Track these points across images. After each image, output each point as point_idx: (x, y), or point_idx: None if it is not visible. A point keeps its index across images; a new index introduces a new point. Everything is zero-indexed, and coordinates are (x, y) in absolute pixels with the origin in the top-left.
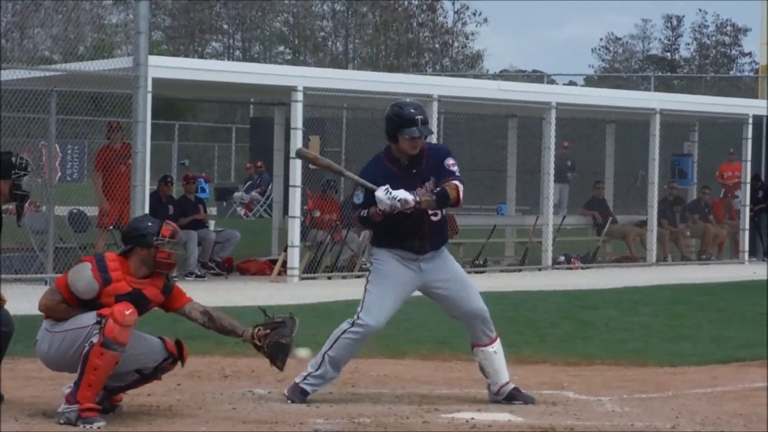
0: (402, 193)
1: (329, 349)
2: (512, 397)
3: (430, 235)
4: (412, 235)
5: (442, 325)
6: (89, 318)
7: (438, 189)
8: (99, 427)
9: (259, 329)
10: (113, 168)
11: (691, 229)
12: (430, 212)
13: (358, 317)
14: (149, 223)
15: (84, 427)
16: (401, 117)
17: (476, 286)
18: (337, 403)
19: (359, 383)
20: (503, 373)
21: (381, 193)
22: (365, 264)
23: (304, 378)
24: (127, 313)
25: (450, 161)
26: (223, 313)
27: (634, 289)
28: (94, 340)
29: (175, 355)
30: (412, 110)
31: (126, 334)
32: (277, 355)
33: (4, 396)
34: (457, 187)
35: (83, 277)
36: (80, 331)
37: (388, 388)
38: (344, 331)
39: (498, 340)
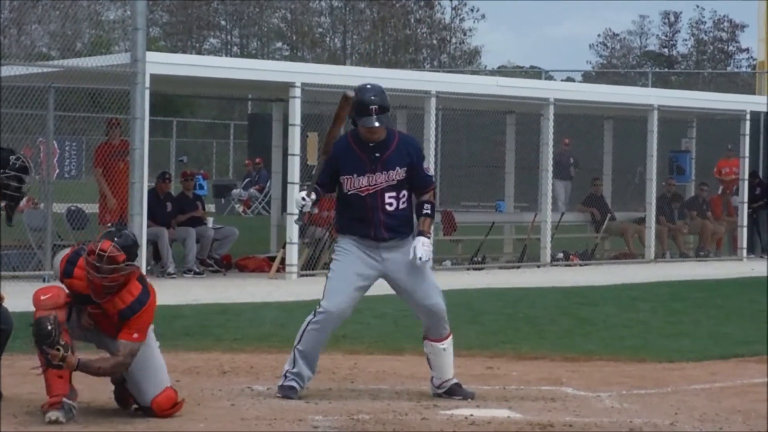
0: (425, 248)
1: (298, 343)
2: (452, 392)
3: (385, 223)
4: (366, 223)
5: None
6: None
7: (429, 208)
8: (55, 418)
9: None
10: (112, 165)
11: (689, 226)
12: (386, 202)
13: (319, 305)
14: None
15: (47, 421)
16: (359, 103)
17: (437, 283)
18: (335, 399)
19: (358, 380)
20: (448, 370)
21: (297, 195)
22: None
23: (285, 377)
24: (42, 297)
25: (426, 165)
26: (104, 362)
27: (633, 285)
28: None
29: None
30: (372, 97)
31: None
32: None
33: (3, 393)
34: (433, 193)
35: (56, 260)
36: None
37: (387, 385)
38: (308, 323)
39: (450, 337)
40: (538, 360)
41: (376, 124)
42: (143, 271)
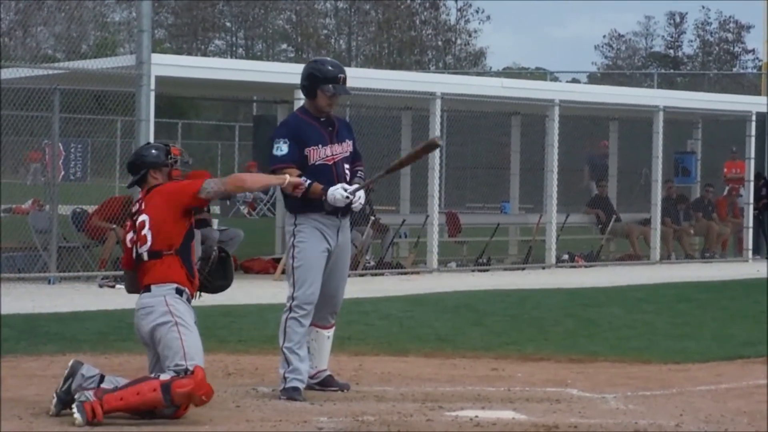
0: (360, 196)
1: (282, 342)
2: (327, 383)
3: None
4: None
5: (445, 323)
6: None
7: (361, 173)
8: (77, 422)
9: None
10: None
11: (695, 227)
12: (344, 172)
13: (292, 298)
14: (155, 148)
15: (73, 412)
16: (322, 73)
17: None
18: (340, 401)
19: (363, 381)
20: (325, 360)
21: (339, 194)
22: (368, 262)
23: (284, 380)
24: (204, 398)
25: (357, 144)
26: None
27: (638, 287)
28: (163, 377)
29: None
30: (332, 68)
31: (187, 405)
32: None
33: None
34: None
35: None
36: (174, 339)
37: (391, 386)
38: (286, 319)
39: (333, 329)
40: (543, 361)
41: (340, 92)
42: None
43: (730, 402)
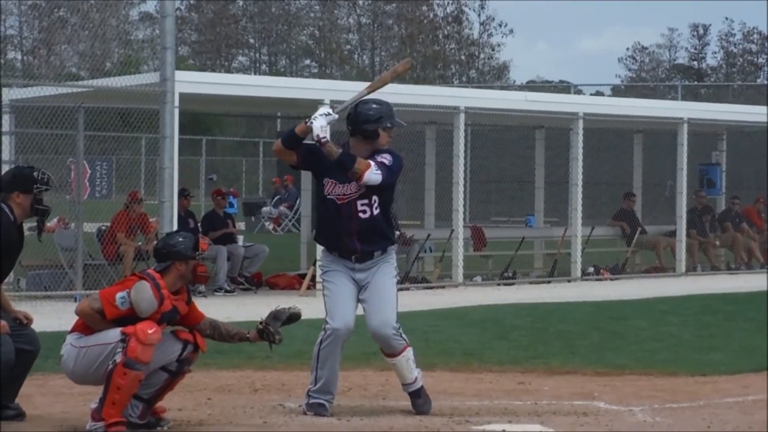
0: (319, 121)
1: (316, 364)
2: (411, 397)
3: (359, 231)
4: (340, 233)
5: (471, 337)
6: (113, 335)
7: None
8: None
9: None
10: (132, 232)
11: (720, 238)
12: (359, 210)
13: (326, 323)
14: (184, 238)
15: None
16: (389, 109)
17: (392, 308)
18: (368, 416)
19: (390, 396)
20: (404, 377)
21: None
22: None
23: (309, 396)
24: (150, 332)
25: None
26: (225, 323)
27: (664, 299)
28: (117, 359)
29: (191, 342)
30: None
31: (149, 352)
32: (274, 325)
33: (26, 413)
34: (369, 165)
35: (146, 297)
36: (103, 347)
37: None
38: (320, 343)
39: (401, 355)
40: (570, 375)
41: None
42: None
43: (757, 414)
